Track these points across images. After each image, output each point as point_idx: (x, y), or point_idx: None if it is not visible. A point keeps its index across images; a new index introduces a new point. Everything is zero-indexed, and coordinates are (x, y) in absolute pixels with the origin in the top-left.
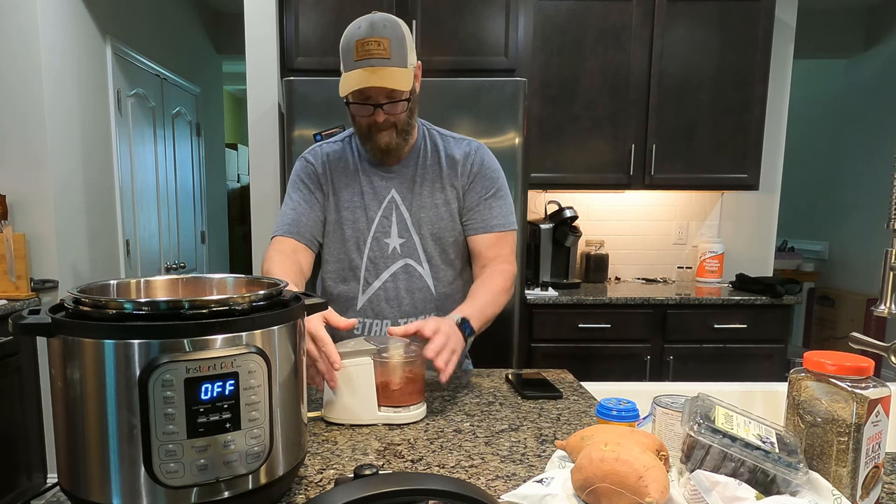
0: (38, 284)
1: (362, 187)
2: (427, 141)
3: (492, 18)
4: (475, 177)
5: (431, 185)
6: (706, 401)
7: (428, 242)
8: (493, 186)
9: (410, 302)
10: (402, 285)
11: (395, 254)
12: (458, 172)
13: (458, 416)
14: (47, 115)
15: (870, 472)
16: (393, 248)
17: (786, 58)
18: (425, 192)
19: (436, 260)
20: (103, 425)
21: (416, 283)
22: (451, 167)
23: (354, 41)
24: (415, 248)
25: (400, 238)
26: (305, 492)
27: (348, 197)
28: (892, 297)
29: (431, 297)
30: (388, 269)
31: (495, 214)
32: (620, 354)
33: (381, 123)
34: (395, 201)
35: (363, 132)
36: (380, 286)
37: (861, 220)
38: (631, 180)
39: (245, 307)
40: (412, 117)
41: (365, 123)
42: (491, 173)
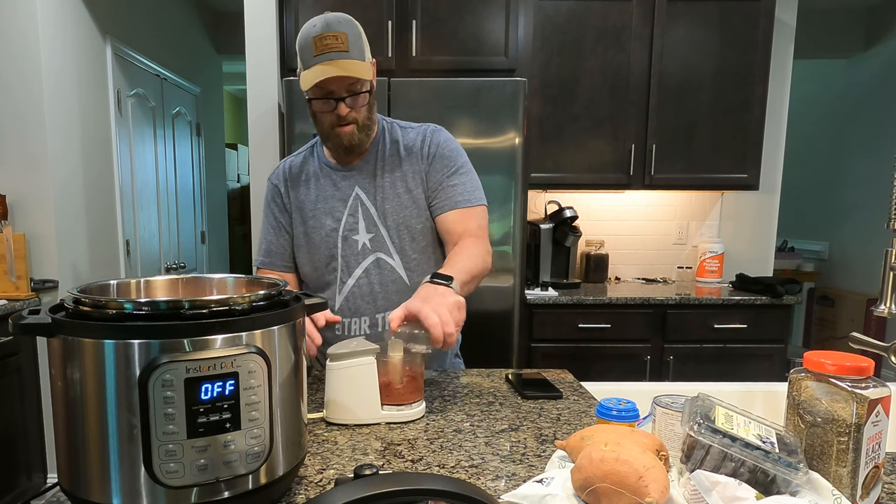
0: (38, 284)
1: (325, 192)
2: (386, 134)
3: (492, 18)
4: (433, 158)
5: (392, 175)
6: (706, 401)
7: (395, 233)
8: (454, 164)
9: (384, 295)
10: (375, 280)
11: (364, 249)
12: (416, 158)
13: (458, 416)
14: (47, 115)
15: (870, 472)
16: (362, 244)
17: (786, 58)
18: (387, 184)
19: (406, 250)
20: (103, 425)
21: (388, 276)
22: (408, 154)
23: (312, 38)
24: (383, 241)
25: (368, 233)
26: (305, 492)
27: (312, 205)
28: (892, 297)
29: (406, 287)
30: (359, 266)
31: (459, 191)
32: (620, 354)
33: (343, 118)
34: (359, 198)
35: (326, 131)
36: (353, 284)
37: (861, 220)
38: (631, 180)
39: (245, 307)
40: (372, 113)
41: (328, 121)
42: (449, 152)
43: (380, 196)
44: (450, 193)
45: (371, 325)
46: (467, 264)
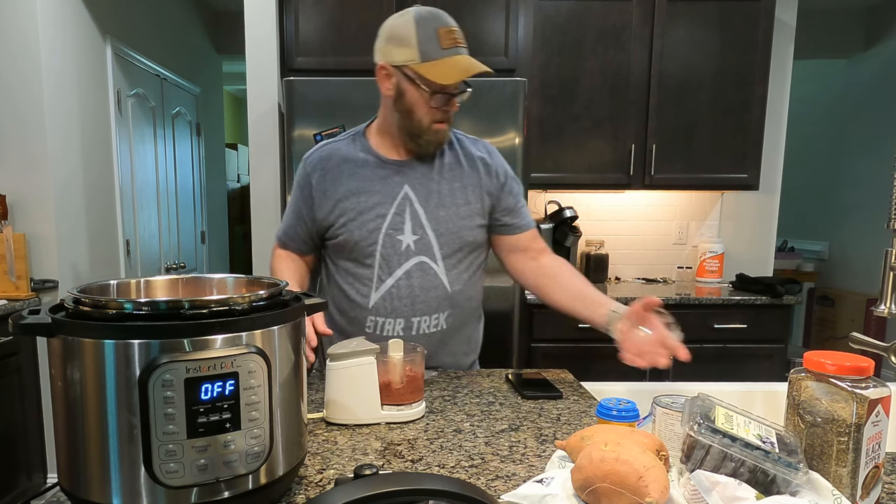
0: (38, 284)
1: (372, 185)
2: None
3: (492, 18)
4: (505, 182)
5: (451, 184)
6: (706, 401)
7: (445, 240)
8: (519, 190)
9: (425, 300)
10: (417, 283)
11: (408, 251)
12: (481, 173)
13: (458, 416)
14: (47, 115)
15: (870, 472)
16: (406, 245)
17: (786, 58)
18: (445, 191)
19: (451, 258)
20: (103, 425)
21: (431, 281)
22: (472, 168)
23: (435, 29)
24: (430, 246)
25: (414, 235)
26: (305, 492)
27: (355, 197)
28: (892, 297)
29: (446, 294)
30: (401, 267)
31: (527, 213)
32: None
33: (447, 115)
34: (408, 198)
35: (423, 126)
36: (393, 284)
37: (861, 220)
38: (631, 180)
39: (245, 307)
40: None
41: (430, 116)
42: (514, 176)
43: (434, 201)
44: (523, 213)
45: (405, 328)
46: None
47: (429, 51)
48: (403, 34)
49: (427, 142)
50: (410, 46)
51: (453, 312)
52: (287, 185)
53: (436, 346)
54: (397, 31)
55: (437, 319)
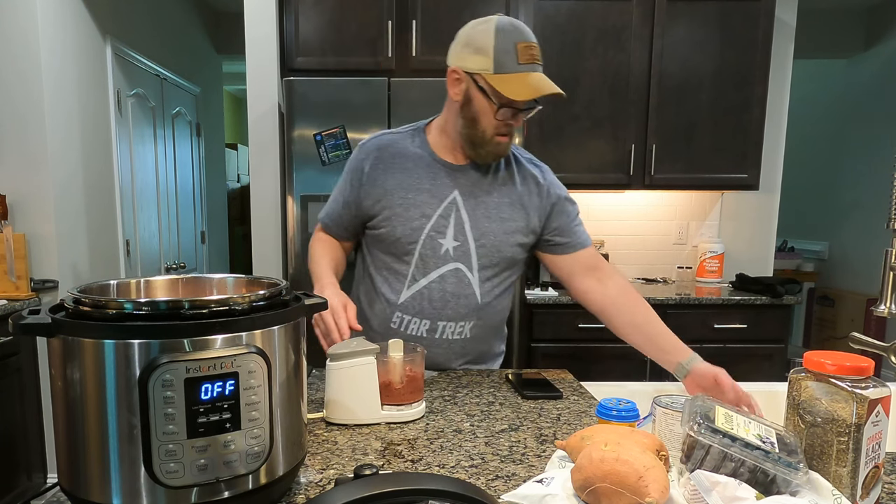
0: (38, 284)
1: (422, 184)
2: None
3: None
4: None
5: (500, 198)
6: (706, 401)
7: (484, 252)
8: (576, 211)
9: (454, 306)
10: (450, 289)
11: (447, 256)
12: (532, 192)
13: (458, 416)
14: (47, 115)
15: (870, 472)
16: (446, 249)
17: (786, 58)
18: (492, 203)
19: (487, 271)
20: (103, 425)
21: (464, 289)
22: (524, 186)
23: (515, 43)
24: (469, 255)
25: (455, 241)
26: (305, 492)
27: (403, 192)
28: (892, 297)
29: (476, 305)
30: (437, 270)
31: (581, 231)
32: (620, 354)
33: (510, 130)
34: (456, 203)
35: (486, 136)
36: (426, 285)
37: (861, 220)
38: (631, 180)
39: (245, 307)
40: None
41: (494, 128)
42: (569, 198)
43: (481, 211)
44: (578, 232)
45: (430, 330)
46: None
47: (505, 63)
48: (481, 42)
49: (487, 153)
50: (487, 55)
51: (479, 323)
52: (287, 185)
53: (456, 354)
54: (476, 37)
55: (463, 328)
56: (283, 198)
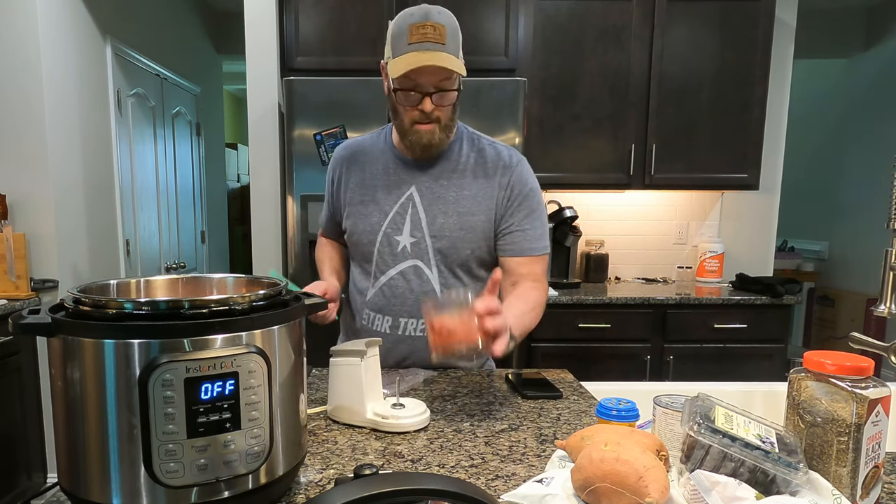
0: (38, 284)
1: (379, 180)
2: (464, 143)
3: (492, 18)
4: (515, 196)
5: (458, 193)
6: (706, 401)
7: (440, 247)
8: (531, 207)
9: (414, 301)
10: (412, 284)
11: (404, 252)
12: (494, 183)
13: (458, 416)
14: (47, 115)
15: (870, 472)
16: (403, 246)
17: (786, 58)
18: (450, 198)
19: (445, 268)
20: (103, 425)
21: (423, 286)
22: (486, 175)
23: (408, 25)
24: (426, 252)
25: (411, 237)
26: (305, 492)
27: (363, 191)
28: (892, 297)
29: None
30: (395, 267)
31: (529, 237)
32: (620, 354)
33: (426, 115)
34: (412, 198)
35: (405, 127)
36: (386, 282)
37: (861, 220)
38: (631, 180)
39: (245, 307)
40: (455, 114)
41: (409, 117)
42: (530, 192)
43: (438, 207)
44: (518, 238)
45: (392, 327)
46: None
47: (397, 47)
48: (389, 31)
49: (411, 143)
50: (388, 43)
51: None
52: (287, 184)
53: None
54: (390, 28)
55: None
56: (283, 198)
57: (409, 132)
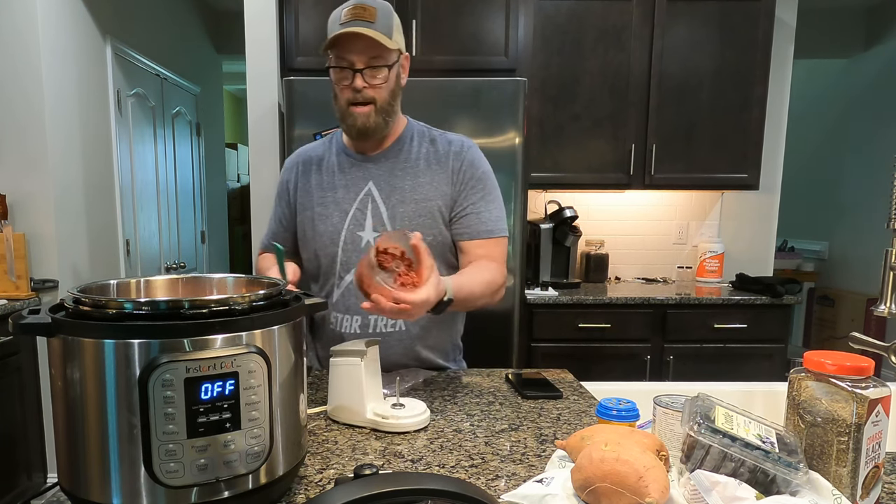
0: (38, 284)
1: (336, 181)
2: (415, 135)
3: (492, 18)
4: (464, 178)
5: (414, 181)
6: (706, 401)
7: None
8: (483, 189)
9: None
10: None
11: (368, 248)
12: (446, 170)
13: (458, 416)
14: (47, 115)
15: (870, 472)
16: (366, 241)
17: (786, 58)
18: (407, 188)
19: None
20: (103, 425)
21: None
22: (438, 163)
23: (341, 11)
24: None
25: (374, 232)
26: (305, 492)
27: (322, 193)
28: (892, 297)
29: None
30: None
31: (484, 219)
32: (620, 354)
33: (360, 94)
34: (371, 194)
35: (342, 109)
36: (351, 280)
37: (861, 220)
38: (631, 180)
39: (245, 307)
40: (395, 100)
41: (345, 97)
42: (481, 174)
43: (396, 197)
44: (473, 221)
45: (362, 326)
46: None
47: (332, 29)
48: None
49: (349, 127)
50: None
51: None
52: None
53: (395, 347)
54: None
55: (395, 320)
56: None
57: (346, 115)
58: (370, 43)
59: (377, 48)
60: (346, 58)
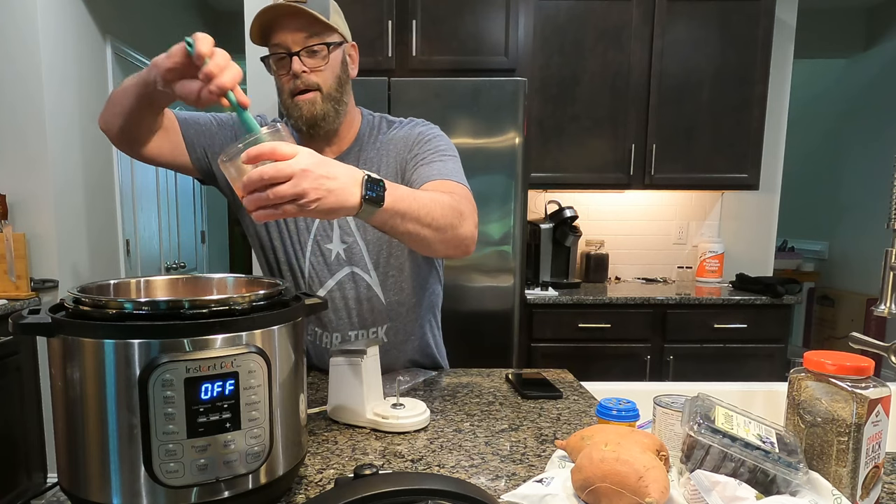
0: (38, 284)
1: None
2: (371, 129)
3: (492, 18)
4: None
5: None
6: (706, 401)
7: (374, 247)
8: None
9: (359, 312)
10: (350, 294)
11: (339, 260)
12: (401, 149)
13: (458, 416)
14: (47, 115)
15: (870, 472)
16: (336, 254)
17: (786, 58)
18: None
19: (383, 266)
20: (103, 425)
21: (363, 293)
22: (397, 153)
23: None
24: (360, 255)
25: (342, 243)
26: (305, 492)
27: None
28: (892, 297)
29: (382, 306)
30: (332, 278)
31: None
32: (620, 354)
33: (300, 80)
34: None
35: (286, 102)
36: (324, 296)
37: (861, 220)
38: (631, 180)
39: (245, 307)
40: (342, 88)
41: (287, 88)
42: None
43: None
44: (423, 171)
45: (343, 342)
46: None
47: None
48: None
49: (296, 119)
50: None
51: (393, 326)
52: None
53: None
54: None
55: (376, 333)
56: None
57: (291, 108)
58: (304, 21)
59: (313, 25)
60: (281, 42)
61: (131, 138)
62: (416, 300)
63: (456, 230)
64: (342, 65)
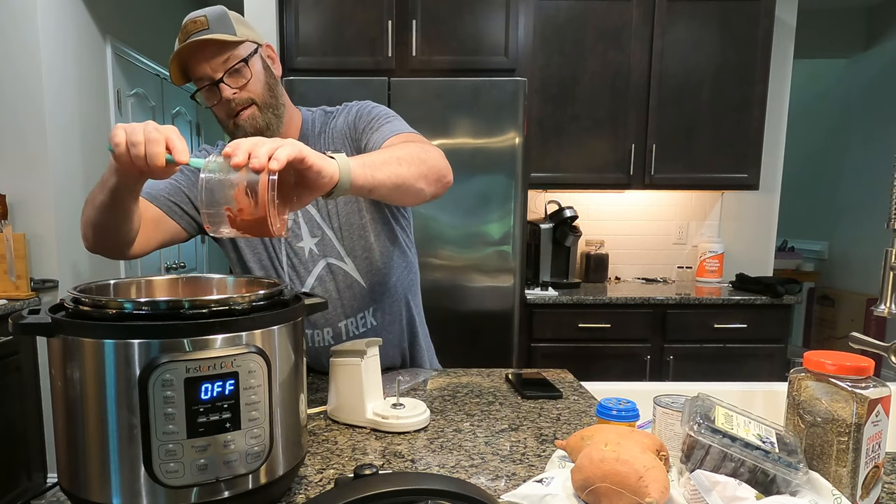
0: (38, 284)
1: None
2: (313, 124)
3: (492, 18)
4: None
5: None
6: (706, 401)
7: (345, 233)
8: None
9: (343, 302)
10: (332, 287)
11: (313, 256)
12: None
13: (457, 416)
14: (47, 115)
15: (870, 472)
16: (309, 250)
17: (786, 57)
18: None
19: (356, 250)
20: (103, 425)
21: (343, 281)
22: (341, 142)
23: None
24: (332, 245)
25: (313, 237)
26: (305, 492)
27: None
28: (892, 297)
29: (364, 290)
30: (311, 274)
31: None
32: (620, 354)
33: (233, 101)
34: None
35: (229, 126)
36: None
37: (861, 220)
38: (631, 180)
39: (245, 307)
40: (273, 92)
41: (223, 114)
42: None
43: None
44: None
45: (335, 336)
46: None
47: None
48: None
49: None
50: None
51: (379, 307)
52: None
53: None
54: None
55: (364, 318)
56: None
57: (235, 130)
58: (215, 48)
59: (224, 48)
60: (202, 75)
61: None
62: (394, 279)
63: (427, 163)
64: (265, 70)
